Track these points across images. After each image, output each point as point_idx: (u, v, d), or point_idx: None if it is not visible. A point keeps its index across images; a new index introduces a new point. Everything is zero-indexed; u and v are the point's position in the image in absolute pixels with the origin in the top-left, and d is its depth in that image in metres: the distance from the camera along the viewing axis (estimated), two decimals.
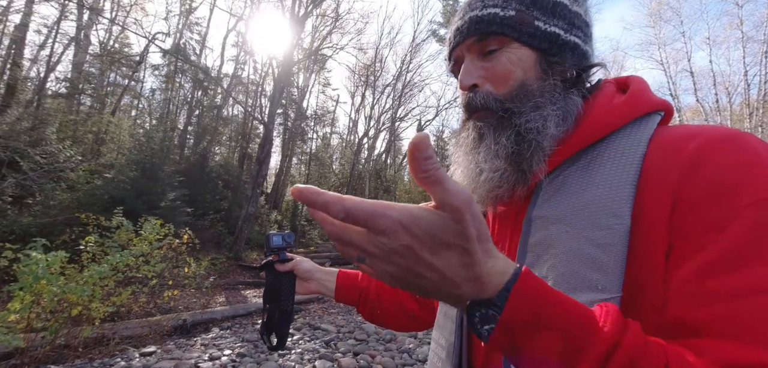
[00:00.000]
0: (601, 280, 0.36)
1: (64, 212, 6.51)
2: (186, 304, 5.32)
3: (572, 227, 0.39)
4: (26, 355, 3.08)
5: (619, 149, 0.41)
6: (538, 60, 0.47)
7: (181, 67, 15.48)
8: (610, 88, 0.48)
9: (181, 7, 16.10)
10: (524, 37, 0.46)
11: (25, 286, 3.12)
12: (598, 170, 0.41)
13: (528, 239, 0.43)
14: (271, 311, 0.77)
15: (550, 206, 0.42)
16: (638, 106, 0.43)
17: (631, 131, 0.41)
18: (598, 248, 0.37)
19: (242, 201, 10.46)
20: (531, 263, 0.42)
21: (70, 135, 10.47)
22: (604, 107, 0.44)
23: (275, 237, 0.77)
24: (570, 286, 0.37)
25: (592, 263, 0.36)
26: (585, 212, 0.39)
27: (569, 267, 0.38)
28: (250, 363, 3.40)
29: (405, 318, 0.78)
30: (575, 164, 0.43)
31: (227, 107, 17.75)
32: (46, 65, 12.34)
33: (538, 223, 0.43)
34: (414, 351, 4.03)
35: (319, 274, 0.81)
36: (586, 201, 0.40)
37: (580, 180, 0.42)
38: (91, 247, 4.01)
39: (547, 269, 0.40)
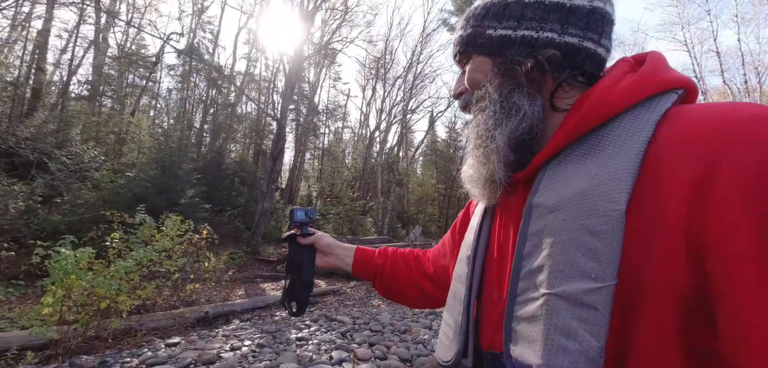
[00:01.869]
0: (595, 269, 0.35)
1: (91, 210, 6.79)
2: (207, 297, 5.49)
3: (568, 215, 0.38)
4: (60, 346, 3.25)
5: (621, 133, 0.39)
6: (493, 64, 0.50)
7: (196, 66, 15.77)
8: (623, 66, 0.46)
9: (193, 6, 16.36)
10: (478, 48, 0.52)
11: (56, 281, 3.28)
12: (599, 155, 0.39)
13: (527, 228, 0.43)
14: (293, 280, 0.82)
15: (548, 194, 0.42)
16: (648, 85, 0.40)
17: (637, 113, 0.39)
18: (592, 235, 0.36)
19: (258, 197, 10.65)
20: (529, 253, 0.41)
21: (93, 136, 10.86)
22: (607, 89, 0.42)
23: (299, 212, 0.84)
24: (564, 275, 0.36)
25: (586, 251, 0.36)
26: (581, 199, 0.38)
27: (564, 256, 0.37)
28: (269, 353, 3.49)
29: (419, 296, 0.81)
30: (576, 150, 0.42)
31: (241, 105, 18.02)
32: (68, 69, 12.80)
33: (537, 211, 0.42)
34: (429, 342, 4.05)
35: (338, 249, 0.85)
36: (582, 188, 0.38)
37: (578, 167, 0.41)
38: (117, 243, 4.17)
39: (544, 258, 0.39)
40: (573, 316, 0.35)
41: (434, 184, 22.78)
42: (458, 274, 0.57)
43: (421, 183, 24.46)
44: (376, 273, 0.83)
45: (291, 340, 3.91)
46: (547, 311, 0.37)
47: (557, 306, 0.36)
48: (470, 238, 0.57)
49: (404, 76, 20.40)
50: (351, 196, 15.57)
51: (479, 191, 0.53)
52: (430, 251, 0.84)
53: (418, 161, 26.56)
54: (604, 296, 0.34)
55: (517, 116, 0.47)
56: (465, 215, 0.72)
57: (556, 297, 0.36)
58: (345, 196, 15.35)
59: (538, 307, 0.38)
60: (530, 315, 0.39)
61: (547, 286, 0.37)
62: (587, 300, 0.34)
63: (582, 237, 0.36)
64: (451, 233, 0.75)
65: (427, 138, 24.28)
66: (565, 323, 0.35)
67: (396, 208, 18.54)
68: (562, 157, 0.43)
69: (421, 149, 25.23)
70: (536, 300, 0.38)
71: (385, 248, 0.87)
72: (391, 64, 21.45)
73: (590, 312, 0.34)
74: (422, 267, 0.81)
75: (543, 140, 0.48)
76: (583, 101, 0.43)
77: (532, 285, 0.39)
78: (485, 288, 0.52)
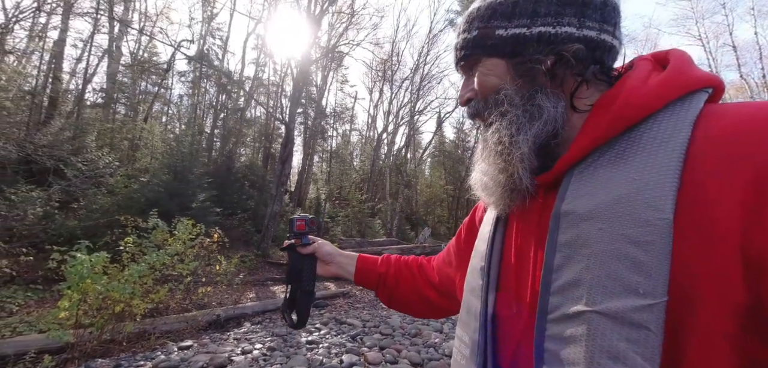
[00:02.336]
0: (643, 283, 0.32)
1: (106, 215, 6.93)
2: (219, 300, 5.54)
3: (606, 223, 0.36)
4: (76, 349, 3.31)
5: (657, 134, 0.37)
6: (508, 66, 0.48)
7: (206, 72, 16.03)
8: (645, 65, 0.43)
9: (203, 13, 16.63)
10: (488, 50, 0.49)
11: (72, 285, 3.35)
12: (634, 158, 0.37)
13: (556, 237, 0.40)
14: (293, 290, 0.81)
15: (580, 200, 0.39)
16: (679, 83, 0.38)
17: (671, 113, 0.37)
18: (636, 246, 0.33)
19: (267, 200, 10.74)
20: (561, 265, 0.39)
21: (108, 142, 11.12)
22: (637, 88, 0.40)
23: (298, 220, 0.82)
24: (606, 290, 0.34)
25: (630, 264, 0.33)
26: (620, 207, 0.35)
27: (605, 269, 0.34)
28: (279, 357, 3.49)
29: (423, 305, 0.79)
30: (607, 153, 0.40)
31: (250, 109, 18.23)
32: (83, 77, 13.13)
33: (567, 220, 0.39)
34: (440, 345, 4.01)
35: (339, 257, 0.83)
36: (620, 194, 0.36)
37: (613, 171, 0.38)
38: (130, 247, 4.24)
39: (581, 271, 0.36)
40: (621, 337, 0.32)
41: (443, 185, 22.67)
42: (471, 286, 0.54)
43: (430, 184, 24.36)
44: (379, 282, 0.81)
45: (301, 343, 3.92)
46: (590, 331, 0.34)
47: (601, 325, 0.33)
48: (482, 247, 0.54)
49: (411, 78, 20.39)
50: (359, 198, 15.59)
51: (495, 199, 0.50)
52: (434, 259, 0.81)
53: (426, 163, 26.48)
54: (656, 314, 0.31)
55: (540, 119, 0.45)
56: (471, 221, 0.69)
57: (600, 315, 0.34)
58: (353, 198, 15.38)
59: (577, 326, 0.35)
60: (568, 335, 0.36)
61: (588, 302, 0.35)
62: (637, 318, 0.32)
63: (625, 248, 0.34)
64: (457, 241, 0.72)
65: (435, 139, 24.20)
66: (612, 344, 0.32)
67: (404, 209, 18.50)
68: (591, 161, 0.41)
69: (429, 150, 25.16)
70: (574, 317, 0.36)
71: (387, 256, 0.85)
72: (398, 65, 21.47)
73: (641, 332, 0.31)
74: (426, 276, 0.79)
75: (564, 143, 0.46)
76: (611, 101, 0.41)
77: (567, 300, 0.37)
78: (502, 301, 0.49)
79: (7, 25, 10.04)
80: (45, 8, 11.38)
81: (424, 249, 10.52)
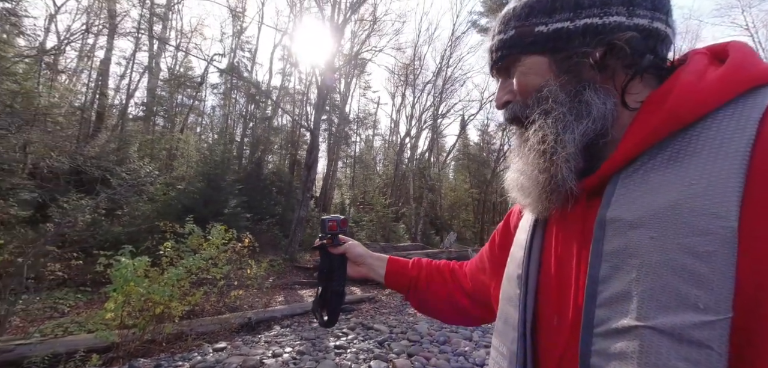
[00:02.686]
0: (703, 297, 0.29)
1: (146, 221, 7.36)
2: (250, 303, 5.70)
3: (659, 232, 0.33)
4: (121, 349, 3.51)
5: (717, 135, 0.34)
6: (550, 62, 0.45)
7: (236, 83, 16.73)
8: (701, 59, 0.40)
9: (233, 28, 17.41)
10: (528, 48, 0.46)
11: (117, 288, 3.56)
12: (690, 161, 0.34)
13: (602, 246, 0.37)
14: (324, 290, 0.81)
15: (629, 207, 0.36)
16: (740, 79, 0.35)
17: (732, 112, 0.34)
18: (695, 258, 0.30)
19: (294, 205, 10.99)
20: (608, 275, 0.36)
21: (148, 153, 11.83)
22: (693, 84, 0.36)
23: (329, 221, 0.82)
24: (661, 304, 0.31)
25: (688, 276, 0.30)
26: (675, 214, 0.33)
27: (659, 281, 0.32)
28: (309, 360, 3.53)
29: (455, 312, 0.76)
30: (658, 156, 0.36)
31: (277, 118, 18.79)
32: (126, 93, 14.10)
33: (614, 227, 0.37)
34: (470, 354, 3.90)
35: (369, 259, 0.82)
36: (675, 200, 0.33)
37: (666, 175, 0.35)
38: (169, 252, 4.46)
39: (630, 283, 0.34)
40: (679, 356, 0.29)
41: (468, 189, 22.25)
42: (508, 295, 0.51)
43: (454, 188, 23.99)
44: (410, 285, 0.79)
45: (330, 348, 3.94)
46: (642, 347, 0.31)
47: (656, 342, 0.31)
48: (519, 254, 0.51)
49: (434, 81, 20.25)
50: (383, 203, 15.61)
51: (531, 201, 0.48)
52: (467, 265, 0.78)
53: (449, 166, 26.14)
54: (719, 332, 0.28)
55: (588, 116, 0.42)
56: (505, 226, 0.66)
57: (653, 332, 0.31)
58: (377, 203, 15.42)
59: (627, 342, 0.32)
60: (617, 351, 0.33)
61: (639, 317, 0.32)
62: (697, 336, 0.29)
63: (681, 259, 0.31)
64: (491, 247, 0.69)
65: (458, 142, 23.86)
66: (668, 364, 0.30)
67: (429, 214, 18.32)
68: (640, 163, 0.38)
69: (453, 153, 24.83)
70: (624, 332, 0.33)
71: (419, 260, 0.83)
72: (420, 69, 21.39)
73: (702, 351, 0.29)
74: (459, 282, 0.76)
75: (610, 143, 0.43)
76: (664, 97, 0.38)
77: (616, 314, 0.34)
78: (542, 312, 0.46)
79: (59, 46, 10.97)
80: (92, 30, 12.35)
81: (450, 254, 10.34)
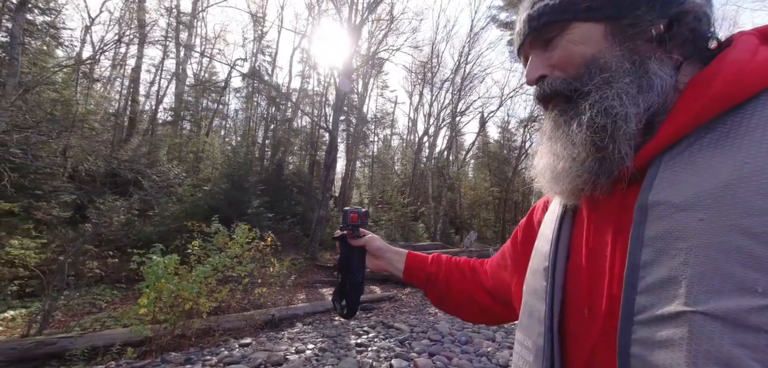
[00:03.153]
0: (762, 280, 0.28)
1: (176, 221, 7.69)
2: (273, 301, 5.85)
3: (709, 213, 0.31)
4: (153, 343, 3.69)
5: None
6: (607, 31, 0.41)
7: (257, 87, 17.18)
8: (750, 40, 0.38)
9: (254, 33, 17.89)
10: (581, 14, 0.42)
11: (149, 284, 3.74)
12: (743, 141, 0.32)
13: (643, 231, 0.36)
14: (343, 280, 0.82)
15: (675, 189, 0.35)
16: None
17: None
18: (752, 239, 0.29)
19: (314, 205, 11.17)
20: (650, 260, 0.34)
21: (177, 156, 12.36)
22: (744, 64, 0.35)
23: (351, 212, 0.83)
24: (713, 289, 0.29)
25: (745, 258, 0.29)
26: (728, 194, 0.31)
27: (711, 265, 0.30)
28: (331, 357, 3.58)
29: (475, 310, 0.74)
30: (706, 136, 0.35)
31: (296, 119, 19.16)
32: (155, 99, 14.79)
33: (658, 211, 0.35)
34: (493, 354, 3.83)
35: (389, 253, 0.82)
36: (728, 180, 0.32)
37: (717, 155, 0.33)
38: (197, 250, 4.64)
39: (677, 267, 0.32)
40: (734, 341, 0.28)
41: (488, 187, 21.86)
42: (533, 288, 0.50)
43: (474, 187, 23.63)
44: (429, 281, 0.79)
45: (351, 346, 3.98)
46: (692, 333, 0.30)
47: (707, 327, 0.29)
48: (545, 248, 0.49)
49: (452, 79, 20.01)
50: (402, 202, 15.58)
51: (567, 188, 0.44)
52: (487, 262, 0.76)
53: (469, 165, 25.76)
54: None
55: (651, 91, 0.39)
56: (528, 223, 0.63)
57: (705, 317, 0.29)
58: (396, 202, 15.41)
59: (674, 328, 0.31)
60: (663, 338, 0.31)
61: (688, 302, 0.30)
62: (754, 320, 0.27)
63: (736, 241, 0.29)
64: (513, 244, 0.67)
65: (478, 140, 23.47)
66: (722, 350, 0.28)
67: (448, 213, 18.14)
68: (685, 145, 0.36)
69: (472, 151, 24.45)
70: (670, 319, 0.31)
71: (438, 255, 0.83)
72: (438, 67, 21.18)
73: (761, 336, 0.27)
74: (479, 279, 0.74)
75: (649, 125, 0.40)
76: (711, 77, 0.36)
77: (660, 300, 0.32)
78: (569, 303, 0.44)
79: (94, 56, 11.62)
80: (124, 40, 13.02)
81: (471, 254, 10.20)
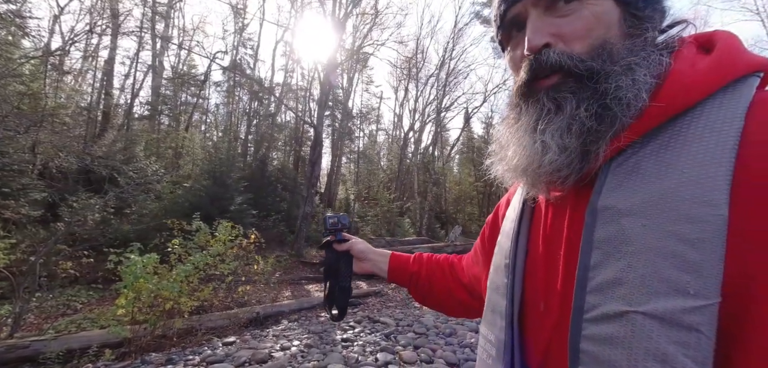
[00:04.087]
0: (693, 283, 0.30)
1: (154, 219, 7.45)
2: (258, 298, 5.77)
3: (651, 220, 0.33)
4: (133, 344, 3.58)
5: (707, 124, 0.34)
6: (622, 16, 0.40)
7: (239, 81, 16.78)
8: (690, 48, 0.39)
9: (235, 25, 17.42)
10: None
11: (127, 284, 3.63)
12: (681, 150, 0.34)
13: (593, 233, 0.37)
14: (332, 286, 0.84)
15: (621, 194, 0.36)
16: (729, 68, 0.35)
17: (721, 101, 0.34)
18: (686, 244, 0.31)
19: (299, 202, 11.06)
20: (598, 262, 0.36)
21: (154, 152, 11.94)
22: (685, 73, 0.36)
23: (330, 218, 0.85)
24: (651, 290, 0.32)
25: (679, 262, 0.31)
26: (667, 202, 0.33)
27: (650, 268, 0.32)
28: (317, 353, 3.58)
29: (455, 305, 0.78)
30: (650, 144, 0.36)
31: (280, 114, 18.85)
32: (131, 92, 14.21)
33: (606, 215, 0.36)
34: (476, 346, 3.91)
35: (372, 255, 0.85)
36: (667, 188, 0.33)
37: (659, 163, 0.35)
38: (177, 249, 4.52)
39: (622, 269, 0.34)
40: (669, 339, 0.30)
41: (472, 182, 22.19)
42: (496, 284, 0.51)
43: (459, 182, 23.93)
44: (411, 280, 0.82)
45: (337, 341, 3.98)
46: (634, 332, 0.32)
47: (646, 326, 0.31)
48: (506, 244, 0.51)
49: (437, 74, 20.15)
50: (388, 197, 15.63)
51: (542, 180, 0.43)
52: (464, 259, 0.80)
53: (454, 160, 26.04)
54: (708, 316, 0.29)
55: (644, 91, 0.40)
56: (494, 219, 0.66)
57: (645, 316, 0.31)
58: (382, 198, 15.44)
59: (618, 327, 0.33)
60: (608, 336, 0.34)
61: (630, 303, 0.32)
62: (687, 320, 0.30)
63: (673, 246, 0.31)
64: (481, 240, 0.70)
65: (462, 135, 23.75)
66: (659, 347, 0.30)
67: (433, 208, 18.31)
68: (631, 152, 0.37)
69: (457, 147, 24.73)
70: (614, 318, 0.33)
71: (420, 255, 0.85)
72: (423, 63, 21.29)
73: (692, 334, 0.30)
74: (457, 275, 0.78)
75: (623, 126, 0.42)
76: (656, 88, 0.38)
77: (607, 299, 0.34)
78: (528, 299, 0.46)
79: (64, 47, 11.06)
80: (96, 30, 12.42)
81: (455, 248, 10.35)
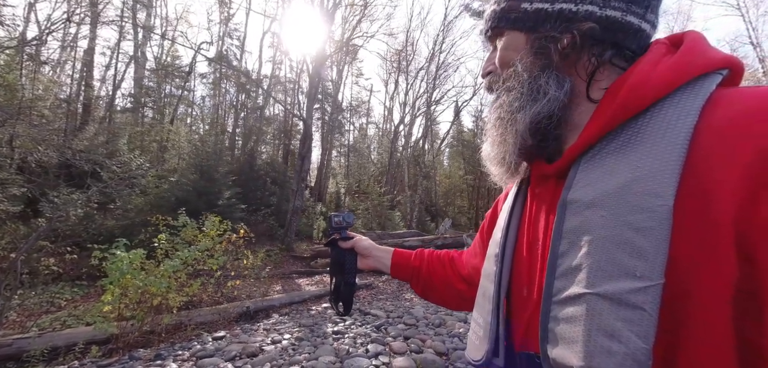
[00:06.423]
0: (640, 267, 0.33)
1: (140, 214, 7.29)
2: (248, 293, 5.74)
3: (608, 211, 0.36)
4: (120, 340, 3.53)
5: (662, 122, 0.36)
6: (528, 41, 0.47)
7: (225, 73, 16.44)
8: (659, 48, 0.42)
9: (220, 15, 17.01)
10: (512, 23, 0.49)
11: (113, 281, 3.56)
12: (638, 147, 0.37)
13: (562, 224, 0.41)
14: (337, 282, 0.86)
15: (585, 188, 0.40)
16: (689, 66, 0.37)
17: (678, 100, 0.36)
18: (636, 232, 0.34)
19: (289, 196, 10.98)
20: (565, 251, 0.39)
21: (138, 145, 11.64)
22: (645, 73, 0.39)
23: (336, 217, 0.87)
24: (605, 274, 0.35)
25: (630, 249, 0.34)
26: (623, 194, 0.36)
27: (605, 254, 0.35)
28: (307, 346, 3.59)
29: (455, 297, 0.82)
30: (613, 142, 0.39)
31: (269, 107, 18.57)
32: (112, 84, 13.79)
33: (573, 208, 0.40)
34: (464, 335, 4.00)
35: (376, 251, 0.88)
36: (623, 182, 0.36)
37: (618, 160, 0.38)
38: (164, 244, 4.45)
39: (582, 257, 0.37)
40: (617, 317, 0.33)
41: (462, 175, 22.40)
42: (487, 272, 0.56)
43: (449, 175, 24.13)
44: (413, 275, 0.85)
45: (328, 334, 4.01)
46: (588, 311, 0.35)
47: (599, 306, 0.34)
48: (498, 235, 0.56)
49: (427, 67, 20.15)
50: (378, 191, 15.66)
51: (496, 171, 0.54)
52: (464, 253, 0.84)
53: (444, 153, 26.21)
54: (652, 295, 0.32)
55: (542, 99, 0.45)
56: (493, 213, 0.71)
57: (598, 297, 0.35)
58: (372, 191, 15.46)
59: (577, 308, 0.36)
60: (569, 315, 0.37)
61: (587, 285, 0.36)
62: (632, 299, 0.33)
63: (625, 235, 0.34)
64: (480, 233, 0.75)
65: (452, 129, 23.89)
66: (608, 323, 0.33)
67: (424, 201, 18.44)
68: (598, 149, 0.40)
69: (447, 140, 24.87)
70: (575, 299, 0.37)
71: (421, 251, 0.89)
72: (413, 55, 21.25)
73: (636, 312, 0.32)
74: (457, 269, 0.82)
75: (575, 130, 0.45)
76: (619, 88, 0.40)
77: (570, 284, 0.38)
78: (514, 285, 0.51)
79: (41, 37, 10.62)
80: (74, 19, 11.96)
81: (445, 241, 10.47)
